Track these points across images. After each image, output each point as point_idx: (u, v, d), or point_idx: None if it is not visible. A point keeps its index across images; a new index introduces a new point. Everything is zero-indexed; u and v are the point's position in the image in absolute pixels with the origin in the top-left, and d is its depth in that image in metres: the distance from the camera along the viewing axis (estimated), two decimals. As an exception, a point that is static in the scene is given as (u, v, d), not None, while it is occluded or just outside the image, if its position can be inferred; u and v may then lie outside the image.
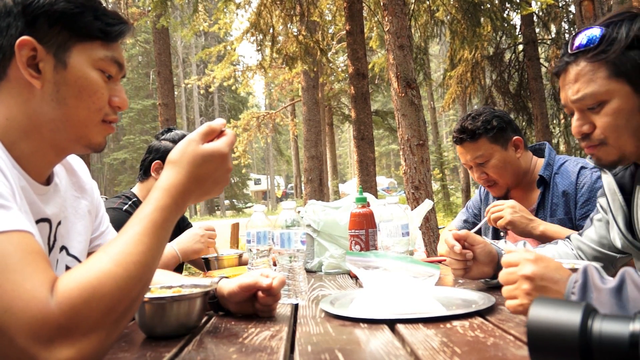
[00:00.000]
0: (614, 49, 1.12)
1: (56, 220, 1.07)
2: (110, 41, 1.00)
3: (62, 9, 0.95)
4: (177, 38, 27.04)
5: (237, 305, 1.16)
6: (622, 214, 1.29)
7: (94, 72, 0.98)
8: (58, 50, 0.95)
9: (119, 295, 0.75)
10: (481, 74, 10.41)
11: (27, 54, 0.92)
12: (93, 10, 0.98)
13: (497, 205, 1.84)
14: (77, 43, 0.96)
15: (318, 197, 10.39)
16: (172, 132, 2.17)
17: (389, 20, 5.24)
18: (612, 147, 1.18)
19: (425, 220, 4.97)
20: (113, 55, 1.00)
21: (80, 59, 0.96)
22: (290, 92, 17.48)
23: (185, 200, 0.90)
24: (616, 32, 1.12)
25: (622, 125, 1.14)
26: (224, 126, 0.96)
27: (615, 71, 1.13)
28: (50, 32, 0.94)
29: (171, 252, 1.88)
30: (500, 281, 1.00)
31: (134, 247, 0.80)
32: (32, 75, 0.93)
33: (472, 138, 1.98)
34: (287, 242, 1.29)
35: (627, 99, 1.13)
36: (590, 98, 1.16)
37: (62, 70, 0.95)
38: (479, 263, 1.37)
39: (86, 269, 0.76)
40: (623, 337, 0.60)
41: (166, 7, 7.94)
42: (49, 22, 0.94)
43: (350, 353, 0.84)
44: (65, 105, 0.96)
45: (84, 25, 0.96)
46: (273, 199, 38.19)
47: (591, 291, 0.85)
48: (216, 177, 0.93)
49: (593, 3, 5.59)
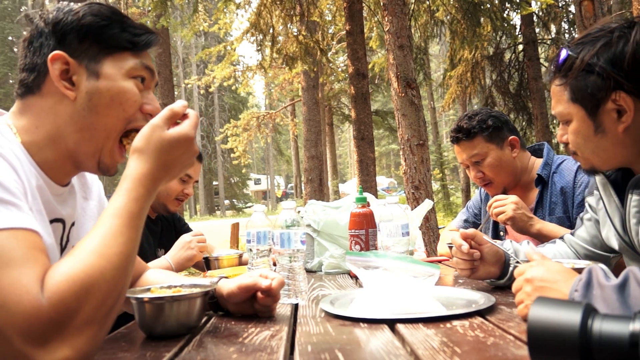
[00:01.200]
0: (571, 74, 1.17)
1: (70, 221, 1.09)
2: (139, 51, 1.04)
3: (89, 23, 0.99)
4: (177, 38, 27.03)
5: (236, 305, 1.16)
6: (618, 214, 1.30)
7: (127, 82, 1.02)
8: (90, 63, 0.99)
9: (106, 288, 0.77)
10: (481, 74, 10.41)
11: (59, 67, 0.97)
12: (119, 23, 1.02)
13: (500, 200, 1.85)
14: (107, 55, 1.01)
15: (318, 197, 10.39)
16: None
17: (389, 20, 5.24)
18: (581, 159, 1.27)
19: (425, 220, 4.97)
20: (142, 62, 1.05)
21: (113, 69, 1.00)
22: (290, 92, 17.48)
23: (156, 187, 0.91)
24: (575, 57, 1.16)
25: (582, 144, 1.23)
26: (185, 108, 0.96)
27: (572, 96, 1.19)
28: (80, 47, 0.99)
29: (165, 265, 1.89)
30: (513, 290, 1.04)
31: (114, 240, 0.81)
32: (67, 87, 0.98)
33: (468, 137, 2.00)
34: (287, 242, 1.29)
35: (583, 122, 1.20)
36: (558, 115, 1.25)
37: (95, 80, 0.99)
38: (485, 263, 1.36)
39: (72, 262, 0.77)
40: (623, 337, 0.60)
41: (166, 7, 7.94)
42: (78, 37, 0.99)
43: (350, 353, 0.84)
44: (97, 114, 1.00)
45: (112, 37, 1.01)
46: (273, 198, 38.19)
47: (594, 288, 0.85)
48: (183, 160, 0.94)
49: (593, 3, 5.59)
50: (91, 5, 1.02)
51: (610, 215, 1.33)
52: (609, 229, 1.36)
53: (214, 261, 2.08)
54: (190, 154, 0.94)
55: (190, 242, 1.95)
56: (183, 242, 1.96)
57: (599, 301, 0.83)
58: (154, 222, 2.19)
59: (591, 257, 1.46)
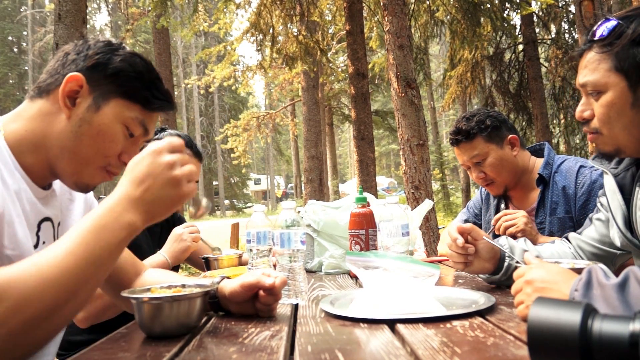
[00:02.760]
0: (619, 43, 1.14)
1: (57, 221, 1.14)
2: (149, 110, 1.11)
3: (120, 68, 1.07)
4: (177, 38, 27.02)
5: (238, 305, 1.16)
6: (621, 213, 1.31)
7: (119, 126, 1.08)
8: (99, 96, 1.06)
9: (25, 295, 0.77)
10: (481, 74, 10.41)
11: (72, 87, 1.04)
12: (148, 81, 1.10)
13: (509, 214, 1.86)
14: (118, 98, 1.07)
15: (318, 197, 10.39)
16: (166, 132, 2.15)
17: (389, 20, 5.24)
18: (606, 137, 1.21)
19: (425, 220, 4.98)
20: (143, 120, 1.11)
21: (114, 110, 1.07)
22: (290, 92, 17.48)
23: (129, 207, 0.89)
24: (626, 27, 1.13)
25: (614, 117, 1.18)
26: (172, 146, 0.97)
27: (615, 65, 1.15)
28: (102, 81, 1.07)
29: (161, 260, 1.90)
30: (512, 292, 1.05)
31: (58, 259, 0.81)
32: (66, 105, 1.04)
33: (468, 138, 2.00)
34: (287, 242, 1.29)
35: (621, 94, 1.16)
36: (590, 85, 1.20)
37: (93, 112, 1.06)
38: (480, 258, 1.37)
39: (7, 268, 0.79)
40: (623, 337, 0.60)
41: (166, 7, 7.94)
42: (105, 74, 1.07)
43: (350, 353, 0.84)
44: (80, 141, 1.05)
45: (132, 88, 1.08)
46: (273, 199, 38.19)
47: (594, 288, 0.86)
48: (156, 174, 0.91)
49: (593, 3, 5.59)
50: (133, 57, 1.10)
51: (613, 212, 1.33)
52: (611, 226, 1.36)
53: (213, 261, 2.08)
54: (163, 166, 0.91)
55: (182, 234, 1.96)
56: (175, 234, 1.97)
57: (599, 301, 0.83)
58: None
59: (598, 255, 1.46)
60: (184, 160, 0.94)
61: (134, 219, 0.89)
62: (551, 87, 10.85)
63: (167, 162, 0.92)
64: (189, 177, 0.94)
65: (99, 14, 40.55)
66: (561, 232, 1.90)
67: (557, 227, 1.92)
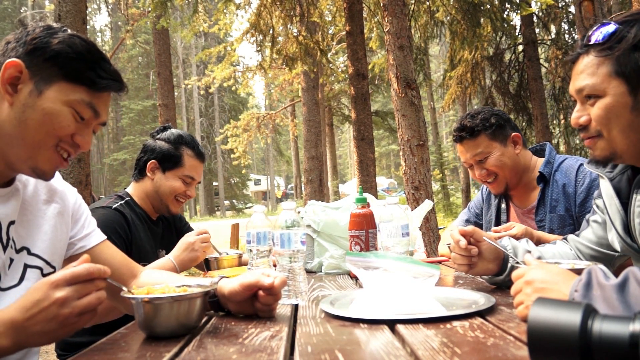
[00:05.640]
0: (620, 47, 1.14)
1: (6, 220, 1.11)
2: (96, 91, 1.10)
3: (59, 50, 1.05)
4: (177, 39, 27.04)
5: (237, 304, 1.16)
6: (619, 218, 1.31)
7: (65, 109, 1.07)
8: (40, 81, 1.05)
9: None
10: (481, 75, 10.41)
11: (11, 74, 1.03)
12: (91, 62, 1.08)
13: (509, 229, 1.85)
14: (62, 81, 1.06)
15: (318, 197, 10.39)
16: (168, 132, 2.14)
17: (388, 21, 5.24)
18: (606, 140, 1.21)
19: (425, 221, 4.97)
20: (91, 101, 1.09)
21: (57, 93, 1.06)
22: (290, 92, 17.48)
23: (9, 332, 0.87)
24: (627, 31, 1.14)
25: (613, 120, 1.18)
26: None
27: (616, 69, 1.15)
28: (42, 65, 1.05)
29: (169, 264, 1.86)
30: (511, 293, 1.05)
31: None
32: (8, 92, 1.03)
33: (472, 135, 2.01)
34: (287, 243, 1.29)
35: (621, 97, 1.16)
36: (588, 89, 1.20)
37: (35, 97, 1.05)
38: (483, 259, 1.37)
39: None
40: (623, 338, 0.60)
41: (166, 8, 7.94)
42: (44, 57, 1.05)
43: (350, 353, 0.84)
44: (26, 127, 1.04)
45: (74, 70, 1.07)
46: (273, 199, 38.19)
47: (594, 288, 0.86)
48: (44, 308, 0.87)
49: (593, 3, 5.59)
50: (72, 37, 1.08)
51: (612, 218, 1.33)
52: (609, 230, 1.36)
53: (213, 261, 2.07)
54: (48, 295, 0.87)
55: (194, 244, 1.91)
56: (187, 242, 1.92)
57: (599, 301, 0.83)
58: (155, 223, 2.18)
59: (597, 257, 1.46)
60: (83, 291, 0.89)
61: (6, 344, 0.88)
62: (551, 88, 10.86)
63: (58, 299, 0.87)
64: (86, 308, 0.89)
65: (99, 15, 40.61)
66: (561, 230, 1.90)
67: (557, 225, 1.92)
